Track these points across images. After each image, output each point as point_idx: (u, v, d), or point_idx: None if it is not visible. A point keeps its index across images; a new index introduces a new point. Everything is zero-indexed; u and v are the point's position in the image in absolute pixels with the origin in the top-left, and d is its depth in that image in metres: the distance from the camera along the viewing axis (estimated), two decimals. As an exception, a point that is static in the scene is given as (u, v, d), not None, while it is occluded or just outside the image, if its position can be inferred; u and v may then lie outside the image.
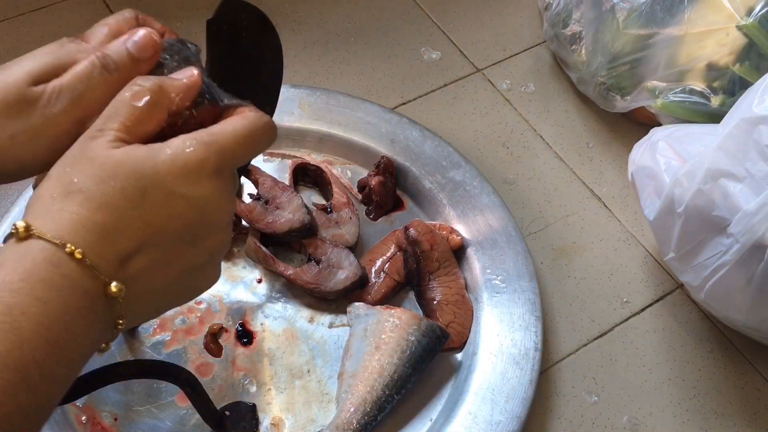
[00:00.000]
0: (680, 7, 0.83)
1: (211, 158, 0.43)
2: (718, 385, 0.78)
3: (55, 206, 0.41)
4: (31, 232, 0.39)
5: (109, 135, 0.43)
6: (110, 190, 0.41)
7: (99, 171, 0.41)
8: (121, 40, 0.47)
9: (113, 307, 0.41)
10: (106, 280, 0.40)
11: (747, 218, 0.64)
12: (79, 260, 0.39)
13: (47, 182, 0.42)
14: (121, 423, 0.69)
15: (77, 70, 0.46)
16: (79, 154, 0.43)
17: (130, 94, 0.44)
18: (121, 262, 0.41)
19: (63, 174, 0.42)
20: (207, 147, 0.43)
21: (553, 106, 0.99)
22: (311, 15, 1.05)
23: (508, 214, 0.83)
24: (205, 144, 0.43)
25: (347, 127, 0.89)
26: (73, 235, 0.40)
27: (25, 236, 0.39)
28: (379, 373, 0.70)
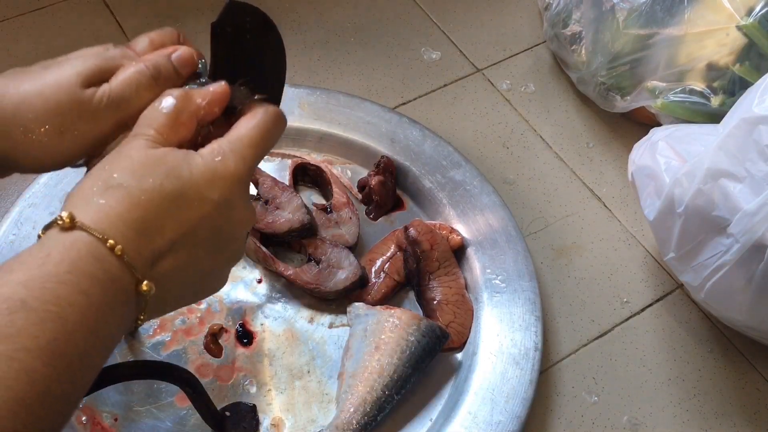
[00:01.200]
0: (680, 7, 0.83)
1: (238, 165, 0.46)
2: (718, 385, 0.78)
3: (95, 199, 0.43)
4: (75, 223, 0.41)
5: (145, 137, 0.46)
6: (149, 186, 0.43)
7: (139, 167, 0.44)
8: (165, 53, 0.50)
9: (140, 303, 0.43)
10: (139, 277, 0.42)
11: (747, 218, 0.64)
12: (118, 257, 0.41)
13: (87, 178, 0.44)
14: (121, 423, 0.69)
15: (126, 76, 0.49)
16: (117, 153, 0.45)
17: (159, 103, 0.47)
18: (153, 261, 0.43)
19: (103, 170, 0.44)
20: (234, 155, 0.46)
21: (553, 106, 0.99)
22: (311, 15, 1.05)
23: (508, 214, 0.83)
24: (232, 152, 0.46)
25: (347, 126, 0.89)
26: (114, 230, 0.42)
27: (70, 227, 0.41)
28: (379, 374, 0.70)
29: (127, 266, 0.42)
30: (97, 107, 0.48)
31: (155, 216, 0.43)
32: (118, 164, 0.44)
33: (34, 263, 0.40)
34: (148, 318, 0.45)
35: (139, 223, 0.42)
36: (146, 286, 0.43)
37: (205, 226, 0.45)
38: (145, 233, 0.43)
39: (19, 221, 0.79)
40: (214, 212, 0.45)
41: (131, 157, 0.44)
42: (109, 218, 0.42)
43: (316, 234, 0.80)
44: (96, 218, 0.42)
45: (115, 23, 1.01)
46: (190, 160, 0.45)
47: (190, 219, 0.44)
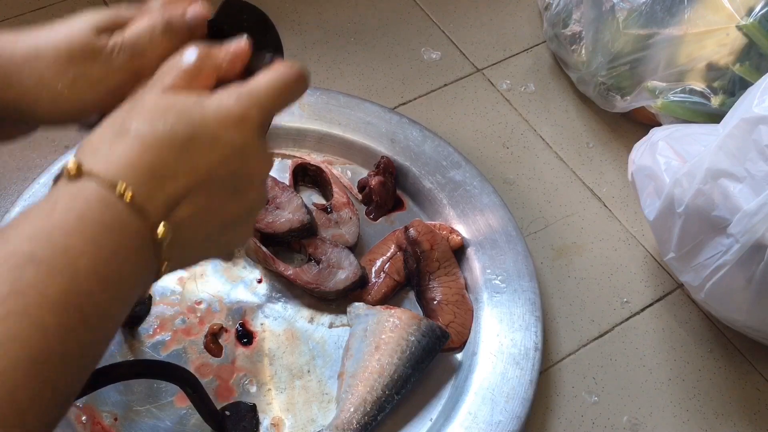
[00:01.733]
0: (680, 7, 0.83)
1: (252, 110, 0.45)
2: (718, 385, 0.78)
3: (105, 147, 0.41)
4: (82, 170, 0.40)
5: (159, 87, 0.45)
6: (160, 130, 0.42)
7: (150, 113, 0.42)
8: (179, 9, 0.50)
9: (158, 250, 0.42)
10: (153, 221, 0.41)
11: (747, 218, 0.64)
12: (129, 202, 0.40)
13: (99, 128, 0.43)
14: (121, 423, 0.69)
15: (139, 26, 0.49)
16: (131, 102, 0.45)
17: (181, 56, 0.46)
18: (168, 207, 0.42)
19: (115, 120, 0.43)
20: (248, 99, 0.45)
21: (553, 106, 0.99)
22: (311, 15, 1.05)
23: (508, 214, 0.83)
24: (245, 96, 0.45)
25: (347, 127, 0.89)
26: (123, 175, 0.40)
27: (77, 175, 0.40)
28: (379, 373, 0.70)
29: (137, 211, 0.40)
30: (110, 54, 0.48)
31: (167, 160, 0.42)
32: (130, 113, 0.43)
33: (41, 216, 0.39)
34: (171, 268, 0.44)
35: (149, 168, 0.41)
36: (161, 232, 0.41)
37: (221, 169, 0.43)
38: (156, 178, 0.41)
39: (19, 221, 0.79)
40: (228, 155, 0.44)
41: (143, 104, 0.43)
42: (118, 164, 0.41)
43: (316, 234, 0.80)
44: (105, 165, 0.41)
45: (115, 23, 1.01)
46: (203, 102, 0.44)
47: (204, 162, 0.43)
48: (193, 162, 0.42)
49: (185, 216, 0.42)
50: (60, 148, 0.88)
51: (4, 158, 0.88)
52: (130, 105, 0.44)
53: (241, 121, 0.44)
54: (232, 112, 0.44)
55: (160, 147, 0.42)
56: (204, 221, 0.44)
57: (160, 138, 0.42)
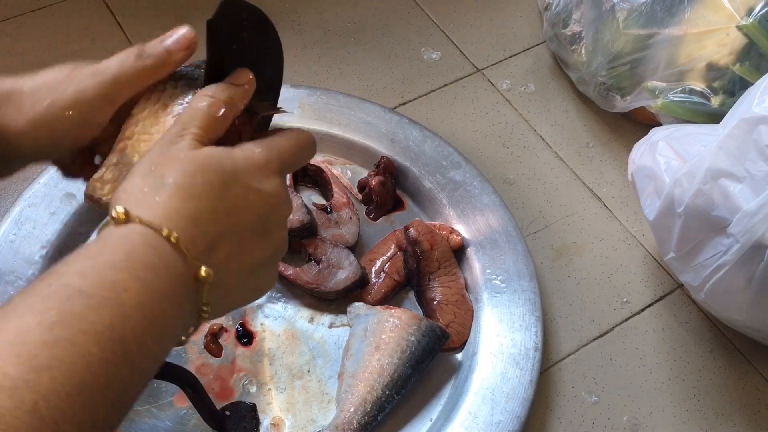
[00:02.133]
0: (680, 7, 0.83)
1: (275, 160, 0.49)
2: (718, 385, 0.78)
3: (148, 198, 0.44)
4: (130, 216, 0.43)
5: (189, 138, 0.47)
6: (199, 182, 0.45)
7: (188, 166, 0.45)
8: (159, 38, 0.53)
9: (199, 292, 0.44)
10: (197, 263, 0.43)
11: (747, 218, 0.64)
12: (174, 244, 0.42)
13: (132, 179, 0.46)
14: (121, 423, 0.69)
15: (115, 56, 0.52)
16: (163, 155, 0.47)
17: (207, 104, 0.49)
18: (208, 250, 0.44)
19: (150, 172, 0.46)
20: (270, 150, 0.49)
21: (553, 106, 0.99)
22: (311, 15, 1.05)
23: (509, 214, 0.83)
24: (269, 148, 0.49)
25: (347, 127, 0.89)
26: (168, 221, 0.43)
27: (125, 221, 0.43)
28: (379, 373, 0.70)
29: (182, 253, 0.43)
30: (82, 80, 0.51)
31: (206, 208, 0.45)
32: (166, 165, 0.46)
33: (91, 254, 0.41)
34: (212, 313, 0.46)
35: (191, 215, 0.44)
36: (205, 272, 0.44)
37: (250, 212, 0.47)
38: (197, 224, 0.44)
39: (20, 221, 0.79)
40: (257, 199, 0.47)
41: (179, 158, 0.46)
42: (163, 212, 0.43)
43: (316, 234, 0.80)
44: (150, 212, 0.43)
45: (114, 23, 1.01)
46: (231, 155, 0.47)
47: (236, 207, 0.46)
48: (228, 208, 0.46)
49: (222, 258, 0.45)
50: (60, 148, 0.88)
51: (4, 158, 0.88)
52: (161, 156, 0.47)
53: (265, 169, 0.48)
54: (258, 160, 0.48)
55: (200, 197, 0.45)
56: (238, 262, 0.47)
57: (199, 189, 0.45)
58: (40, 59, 0.96)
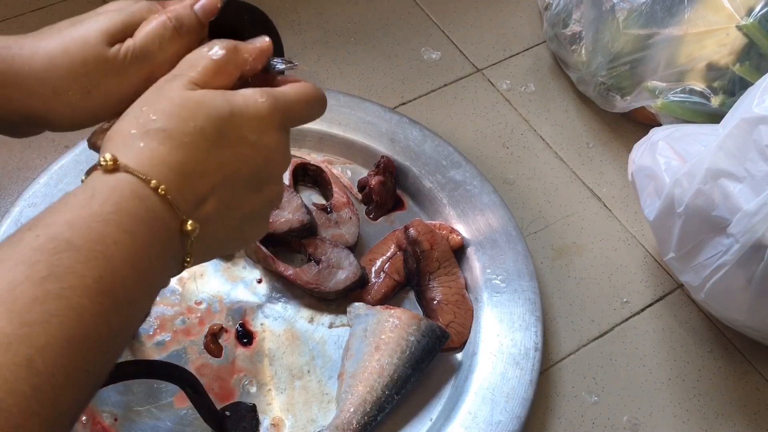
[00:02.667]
0: (680, 7, 0.83)
1: (278, 112, 0.46)
2: (718, 385, 0.78)
3: (136, 142, 0.43)
4: (118, 165, 0.42)
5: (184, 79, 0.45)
6: (191, 129, 0.43)
7: (179, 110, 0.44)
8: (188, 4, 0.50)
9: (185, 244, 0.44)
10: (183, 217, 0.43)
11: (747, 218, 0.64)
12: (162, 196, 0.42)
13: (124, 120, 0.44)
14: (121, 423, 0.69)
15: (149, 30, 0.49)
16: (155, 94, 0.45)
17: (208, 49, 0.47)
18: (196, 204, 0.44)
19: (140, 112, 0.44)
20: (275, 101, 0.46)
21: (553, 106, 0.99)
22: (311, 15, 1.05)
23: (509, 214, 0.83)
24: (274, 98, 0.46)
25: (347, 126, 0.89)
26: (156, 171, 0.42)
27: (113, 169, 0.42)
28: (379, 374, 0.70)
29: (170, 206, 0.42)
30: (122, 64, 0.48)
31: (196, 159, 0.43)
32: (156, 106, 0.44)
33: (79, 204, 0.41)
34: (194, 262, 0.46)
35: (181, 166, 0.43)
36: (191, 226, 0.43)
37: (245, 166, 0.45)
38: (187, 176, 0.43)
39: (20, 221, 0.79)
40: (252, 153, 0.45)
41: (171, 98, 0.44)
42: (151, 161, 0.42)
43: (316, 234, 0.80)
44: (138, 160, 0.42)
45: (115, 23, 1.01)
46: (230, 100, 0.45)
47: (230, 160, 0.45)
48: (221, 159, 0.44)
49: (210, 211, 0.44)
50: (60, 147, 0.88)
51: (4, 158, 0.88)
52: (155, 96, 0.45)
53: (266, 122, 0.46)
54: (259, 111, 0.45)
55: (190, 146, 0.43)
56: (227, 216, 0.46)
57: (190, 137, 0.43)
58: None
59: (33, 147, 0.89)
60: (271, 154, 0.47)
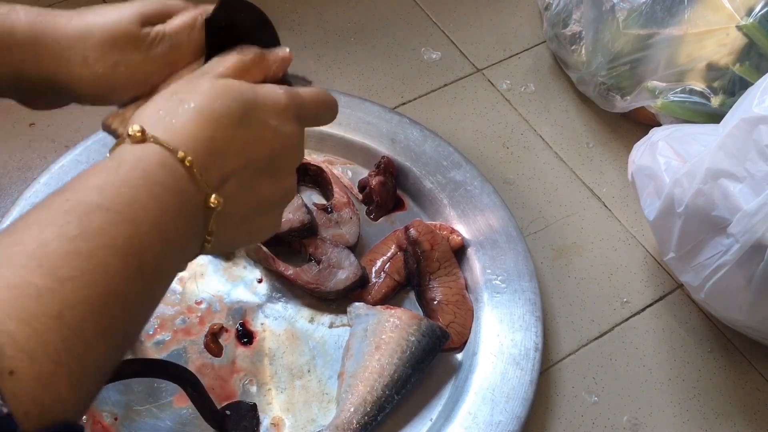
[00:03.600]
0: (680, 7, 0.83)
1: (294, 106, 0.49)
2: (718, 385, 0.78)
3: (165, 118, 0.44)
4: (146, 136, 0.43)
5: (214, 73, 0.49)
6: (218, 107, 0.45)
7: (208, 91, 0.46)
8: None
9: (207, 219, 0.45)
10: (208, 190, 0.44)
11: (747, 218, 0.64)
12: (188, 168, 0.43)
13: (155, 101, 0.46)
14: (121, 423, 0.69)
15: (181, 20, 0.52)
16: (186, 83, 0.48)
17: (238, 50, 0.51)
18: (220, 180, 0.45)
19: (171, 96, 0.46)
20: (293, 96, 0.49)
21: (553, 106, 0.99)
22: (311, 15, 1.05)
23: (509, 214, 0.83)
24: (291, 94, 0.49)
25: (348, 127, 0.89)
26: (184, 144, 0.43)
27: (141, 139, 0.43)
28: (379, 373, 0.70)
29: (195, 178, 0.43)
30: (151, 45, 0.51)
31: (223, 136, 0.45)
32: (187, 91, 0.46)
33: (107, 171, 0.42)
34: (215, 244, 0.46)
35: (208, 142, 0.44)
36: (215, 200, 0.44)
37: (265, 150, 0.47)
38: (213, 152, 0.44)
39: (20, 221, 0.79)
40: (273, 137, 0.47)
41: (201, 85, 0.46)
42: (179, 134, 0.44)
43: (317, 234, 0.80)
44: (167, 133, 0.43)
45: (115, 23, 1.01)
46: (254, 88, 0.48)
47: (252, 142, 0.46)
48: (244, 140, 0.46)
49: (232, 190, 0.45)
50: (60, 147, 0.88)
51: (4, 158, 0.88)
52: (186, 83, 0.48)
53: (285, 112, 0.48)
54: (280, 102, 0.48)
55: (218, 123, 0.45)
56: (246, 198, 0.47)
57: (217, 114, 0.45)
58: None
59: (33, 147, 0.89)
60: (288, 143, 0.49)
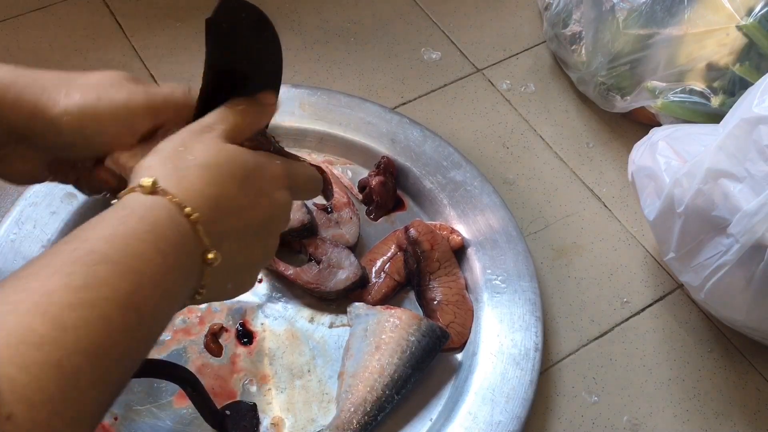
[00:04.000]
0: (680, 7, 0.83)
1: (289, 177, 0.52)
2: (718, 385, 0.78)
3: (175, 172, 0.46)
4: (157, 188, 0.44)
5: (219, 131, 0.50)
6: (225, 171, 0.47)
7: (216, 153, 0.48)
8: None
9: (201, 275, 0.46)
10: (209, 247, 0.46)
11: (747, 218, 0.64)
12: (192, 223, 0.45)
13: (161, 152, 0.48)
14: (121, 423, 0.69)
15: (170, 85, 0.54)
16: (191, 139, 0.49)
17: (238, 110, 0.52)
18: (219, 239, 0.47)
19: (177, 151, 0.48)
20: (287, 167, 0.52)
21: (553, 106, 0.99)
22: (311, 15, 1.05)
23: (509, 214, 0.83)
24: (286, 166, 0.52)
25: (348, 127, 0.89)
26: (191, 201, 0.45)
27: (152, 191, 0.44)
28: (379, 373, 0.70)
29: (198, 235, 0.45)
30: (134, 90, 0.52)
31: (227, 196, 0.47)
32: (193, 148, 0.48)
33: (116, 220, 0.43)
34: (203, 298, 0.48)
35: (213, 200, 0.46)
36: (213, 255, 0.46)
37: (261, 214, 0.49)
38: (216, 210, 0.46)
39: (20, 220, 0.79)
40: (266, 204, 0.50)
41: (207, 143, 0.48)
42: (188, 190, 0.45)
43: (317, 234, 0.80)
44: (177, 188, 0.45)
45: (114, 23, 1.01)
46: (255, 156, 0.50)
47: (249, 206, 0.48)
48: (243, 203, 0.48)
49: (228, 248, 0.47)
50: (60, 148, 0.88)
51: (5, 158, 0.88)
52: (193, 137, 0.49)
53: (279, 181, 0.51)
54: (275, 170, 0.51)
55: (223, 186, 0.47)
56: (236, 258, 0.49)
57: (224, 177, 0.47)
58: (40, 59, 0.96)
59: (33, 147, 0.89)
60: (278, 210, 0.51)
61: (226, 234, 0.47)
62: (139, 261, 0.41)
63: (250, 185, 0.48)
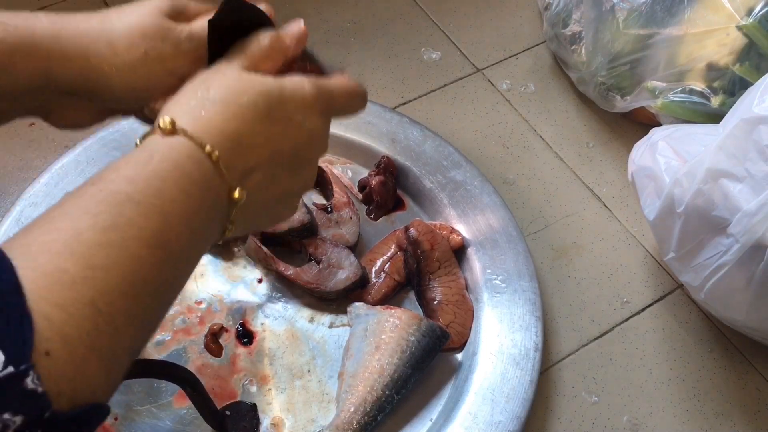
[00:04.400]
0: (680, 7, 0.83)
1: (322, 99, 0.50)
2: (718, 385, 0.78)
3: (194, 110, 0.46)
4: (176, 128, 0.44)
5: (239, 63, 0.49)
6: (245, 102, 0.46)
7: (234, 84, 0.47)
8: None
9: (229, 211, 0.46)
10: (232, 184, 0.45)
11: (747, 218, 0.64)
12: (214, 162, 0.44)
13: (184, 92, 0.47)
14: (121, 423, 0.69)
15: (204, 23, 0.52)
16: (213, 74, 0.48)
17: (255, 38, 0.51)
18: (244, 174, 0.46)
19: (198, 86, 0.47)
20: (320, 89, 0.50)
21: (553, 106, 0.99)
22: (311, 15, 1.05)
23: (509, 214, 0.83)
24: (318, 86, 0.50)
25: (348, 126, 0.89)
26: (211, 138, 0.44)
27: (171, 132, 0.44)
28: (379, 373, 0.70)
29: (221, 172, 0.44)
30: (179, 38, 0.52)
31: (249, 131, 0.46)
32: (214, 81, 0.47)
33: (138, 162, 0.43)
34: (235, 232, 0.48)
35: (234, 136, 0.45)
36: (238, 194, 0.45)
37: (288, 145, 0.48)
38: (238, 146, 0.45)
39: (20, 220, 0.79)
40: (297, 132, 0.48)
41: (227, 76, 0.47)
42: (207, 128, 0.45)
43: (317, 234, 0.80)
44: (195, 126, 0.44)
45: (115, 23, 1.01)
46: (279, 83, 0.48)
47: (276, 136, 0.47)
48: (269, 134, 0.47)
49: (255, 183, 0.47)
50: (60, 147, 0.88)
51: (4, 158, 0.88)
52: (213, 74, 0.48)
53: (310, 106, 0.49)
54: (305, 97, 0.49)
55: (243, 117, 0.46)
56: (267, 191, 0.48)
57: (244, 109, 0.46)
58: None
59: (33, 147, 0.89)
60: (312, 137, 0.49)
61: (252, 169, 0.46)
62: (162, 200, 0.42)
63: (275, 115, 0.47)
